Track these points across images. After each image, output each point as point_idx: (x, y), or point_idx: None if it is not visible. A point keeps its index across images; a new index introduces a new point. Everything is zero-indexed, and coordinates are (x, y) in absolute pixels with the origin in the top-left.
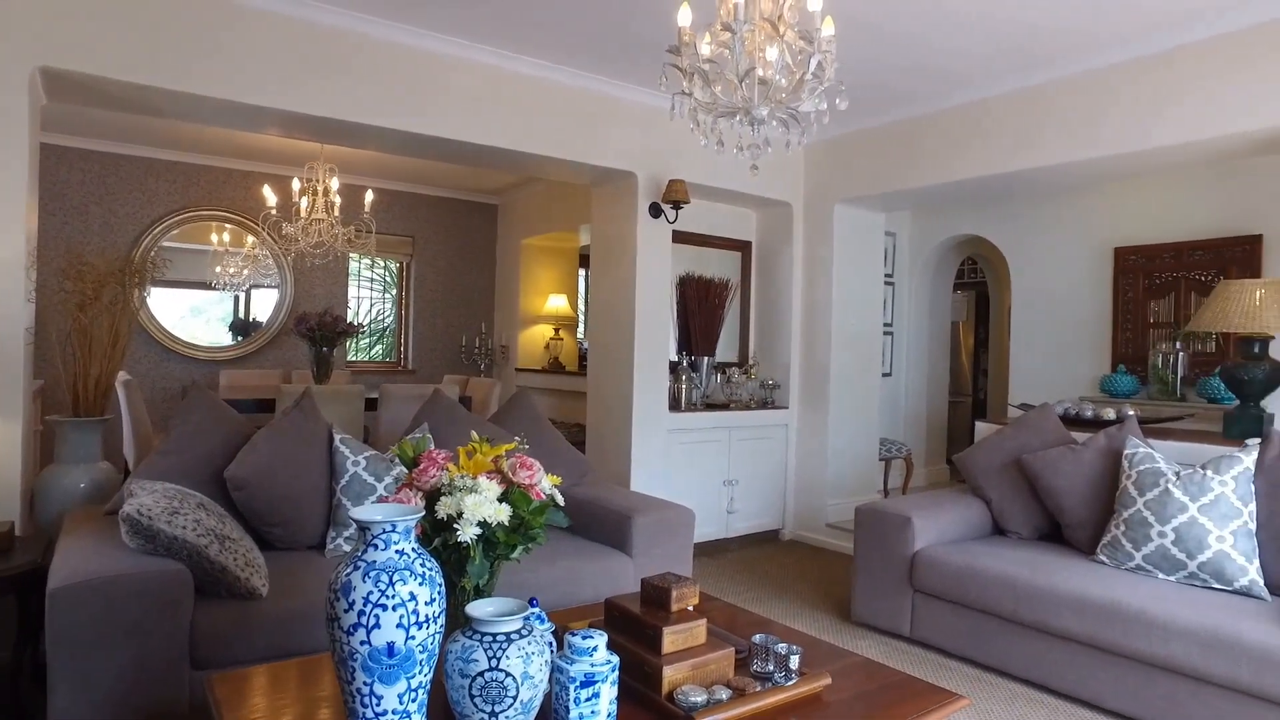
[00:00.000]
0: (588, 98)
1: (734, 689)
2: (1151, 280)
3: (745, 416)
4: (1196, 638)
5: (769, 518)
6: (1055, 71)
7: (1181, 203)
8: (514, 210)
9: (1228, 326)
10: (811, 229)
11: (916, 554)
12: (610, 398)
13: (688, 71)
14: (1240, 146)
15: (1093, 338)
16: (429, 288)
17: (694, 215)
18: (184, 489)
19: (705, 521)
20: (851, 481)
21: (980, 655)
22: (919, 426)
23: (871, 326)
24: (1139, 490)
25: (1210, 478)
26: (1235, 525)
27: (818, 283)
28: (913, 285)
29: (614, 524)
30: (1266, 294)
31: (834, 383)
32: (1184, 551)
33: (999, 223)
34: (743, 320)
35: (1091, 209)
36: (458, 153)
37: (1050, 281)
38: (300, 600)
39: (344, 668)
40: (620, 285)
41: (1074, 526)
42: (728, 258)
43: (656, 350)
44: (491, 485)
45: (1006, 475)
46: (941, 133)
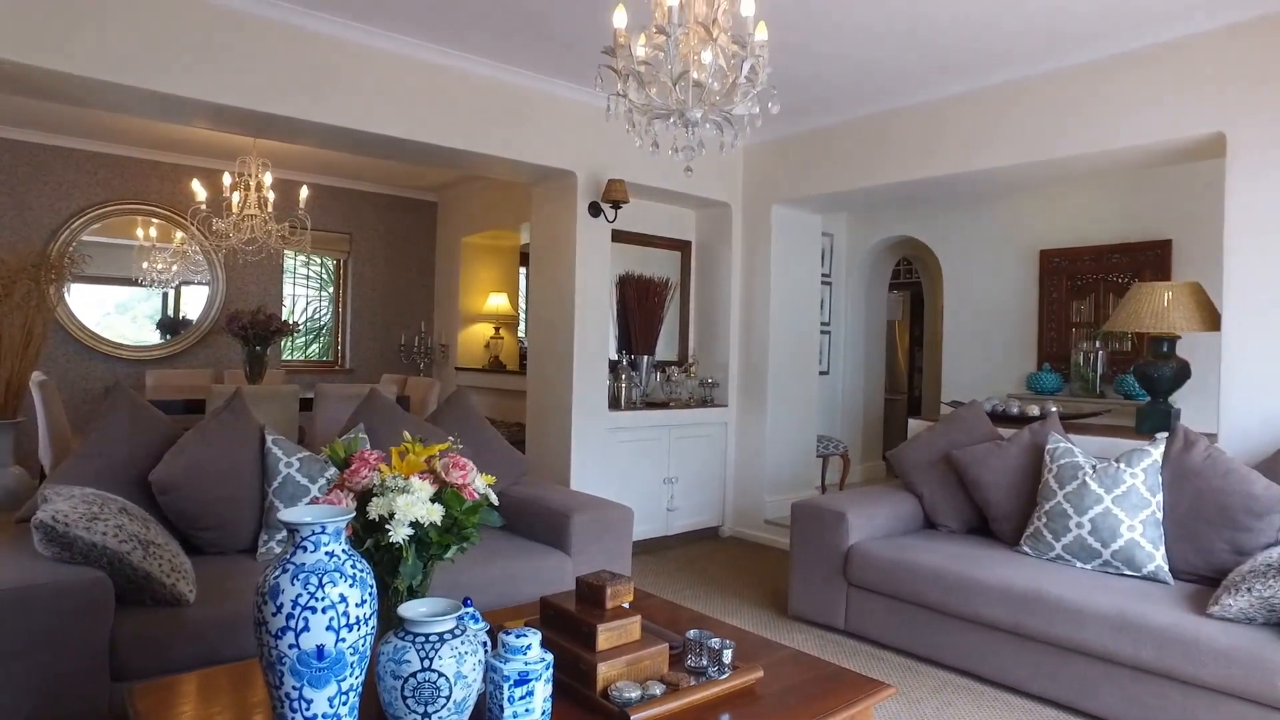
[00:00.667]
0: (527, 96)
1: (668, 684)
2: (1074, 282)
3: (685, 415)
4: (1108, 621)
5: (709, 515)
6: (983, 81)
7: (1101, 209)
8: (454, 208)
9: (1140, 327)
10: (750, 229)
11: (851, 549)
12: (550, 397)
13: (623, 73)
14: (1151, 157)
15: (1020, 337)
16: (367, 286)
17: (634, 215)
18: (105, 493)
19: (645, 519)
20: (789, 478)
21: (912, 645)
22: (856, 424)
23: (809, 326)
24: (1059, 483)
25: (1123, 470)
26: (1144, 515)
27: (756, 282)
28: (849, 285)
29: (552, 523)
30: (1174, 296)
31: (772, 381)
32: (1099, 541)
33: (932, 225)
34: (682, 319)
35: (1019, 213)
36: (395, 149)
37: (981, 282)
38: (231, 605)
39: (272, 672)
40: (560, 284)
41: (1000, 519)
42: (668, 257)
43: (596, 349)
44: (424, 485)
45: (937, 471)
46: (875, 137)
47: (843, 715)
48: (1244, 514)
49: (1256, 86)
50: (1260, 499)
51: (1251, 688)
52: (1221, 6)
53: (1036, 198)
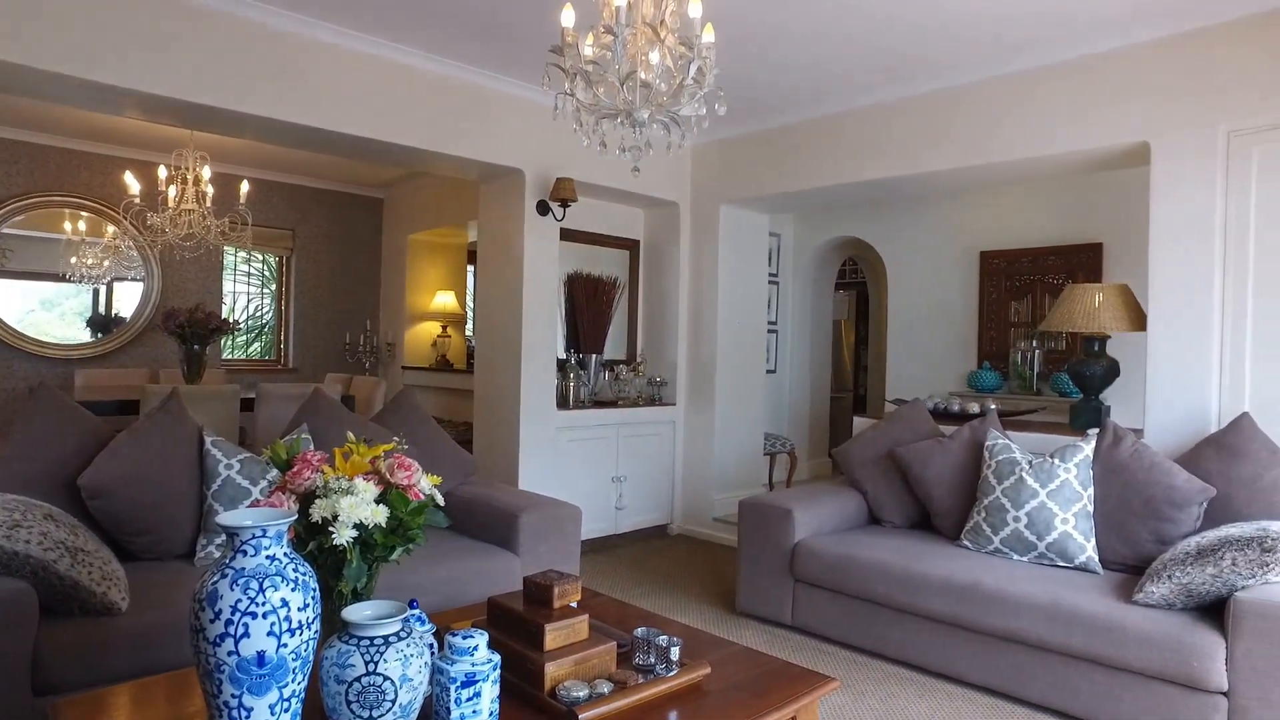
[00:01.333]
0: (475, 93)
1: (616, 682)
2: (1012, 282)
3: (633, 413)
4: (1042, 611)
5: (657, 513)
6: (925, 86)
7: (1037, 212)
8: (400, 204)
9: (1072, 327)
10: (698, 229)
11: (797, 545)
12: (498, 396)
13: (570, 72)
14: (1083, 163)
15: (961, 336)
16: (311, 283)
17: (582, 213)
18: (28, 499)
19: (594, 518)
20: (737, 476)
21: (857, 639)
22: (802, 421)
23: (756, 324)
24: (997, 479)
25: (1057, 465)
26: (1077, 508)
27: (704, 282)
28: (796, 285)
29: (500, 523)
30: (1104, 298)
31: (720, 380)
32: (1035, 534)
33: (877, 226)
34: (631, 318)
35: (960, 215)
36: (339, 144)
37: (924, 282)
38: (168, 613)
39: (210, 680)
40: (508, 283)
41: (942, 514)
42: (616, 256)
43: (544, 348)
44: (368, 486)
45: (881, 468)
46: (821, 139)
47: (788, 709)
48: (1166, 505)
49: (1178, 100)
50: (1180, 491)
51: (1170, 669)
52: (1148, 23)
53: (977, 201)
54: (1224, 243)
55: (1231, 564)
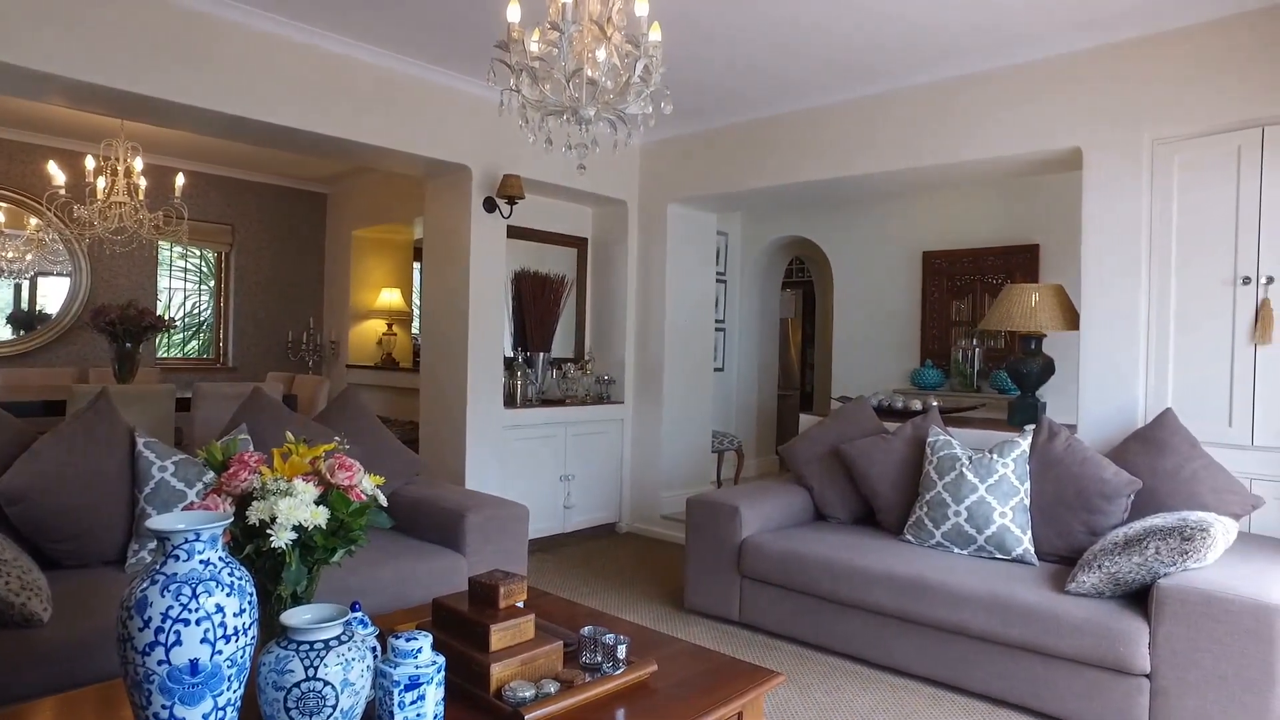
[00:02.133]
0: (421, 88)
1: (563, 682)
2: (954, 282)
3: (581, 412)
4: (981, 602)
5: (606, 511)
6: (863, 90)
7: (978, 214)
8: (344, 200)
9: (1011, 326)
10: (646, 227)
11: (744, 541)
12: (444, 395)
13: (516, 68)
14: (1018, 166)
15: (905, 334)
16: (251, 280)
17: (530, 211)
18: None
19: (542, 517)
20: (685, 474)
21: (803, 634)
22: (750, 419)
23: (704, 323)
24: (939, 474)
25: (995, 460)
26: (1014, 502)
27: (652, 280)
28: (744, 284)
29: (446, 522)
30: (1040, 298)
31: (668, 377)
32: (974, 527)
33: (823, 226)
34: (579, 316)
35: (904, 216)
36: (277, 137)
37: (868, 282)
38: (96, 621)
39: (139, 692)
40: (454, 280)
41: (886, 510)
42: (564, 254)
43: (491, 346)
44: (308, 488)
45: (826, 464)
46: (765, 140)
47: (734, 705)
48: (1097, 498)
49: (1108, 108)
50: (1110, 483)
51: (1099, 654)
52: (1082, 32)
53: (920, 202)
54: (1149, 246)
55: (1155, 553)
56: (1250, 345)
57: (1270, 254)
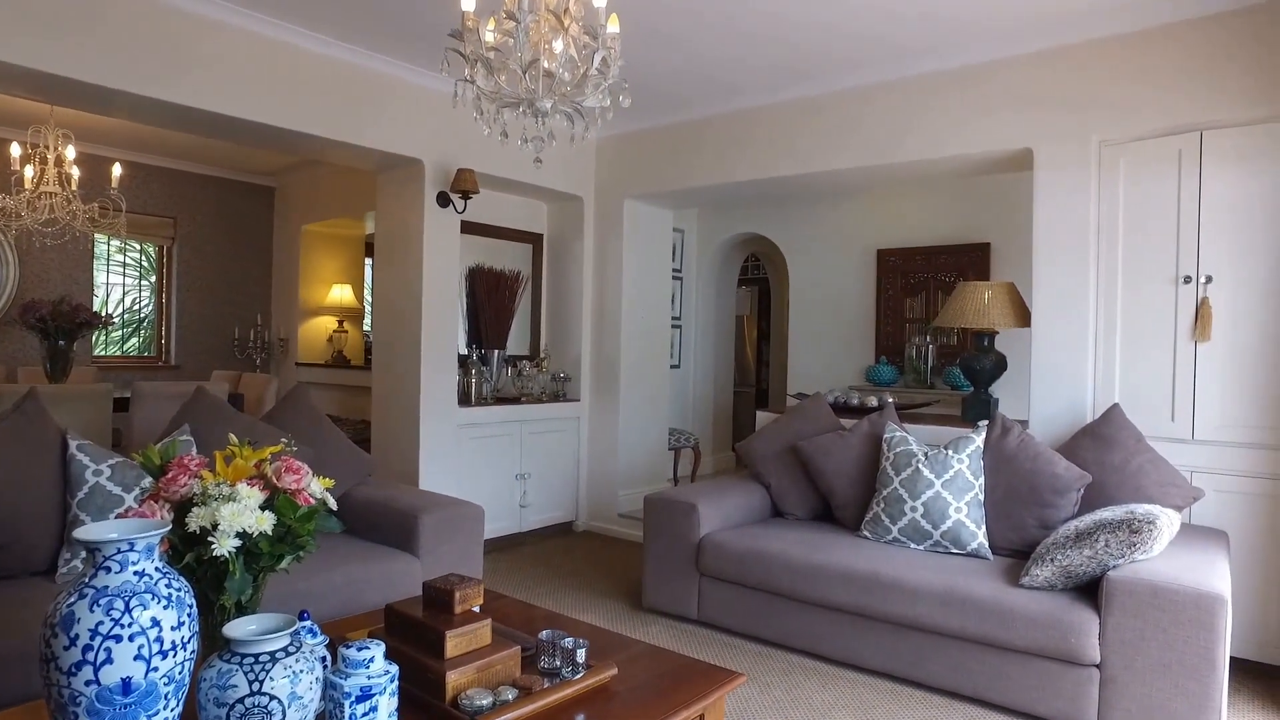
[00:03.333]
0: (373, 79)
1: (521, 688)
2: (907, 280)
3: (537, 410)
4: (937, 597)
5: (562, 510)
6: (828, 87)
7: (931, 212)
8: (293, 194)
9: (964, 323)
10: (602, 223)
11: (702, 540)
12: (397, 393)
13: (470, 59)
14: (974, 166)
15: (860, 331)
16: (195, 275)
17: (485, 206)
18: None
19: (498, 517)
20: (642, 471)
21: (763, 631)
22: (706, 416)
23: (660, 320)
24: (895, 470)
25: (950, 456)
26: (969, 497)
27: (608, 276)
28: (700, 281)
29: (399, 524)
30: (993, 295)
31: (624, 375)
32: (930, 523)
33: (778, 224)
34: (534, 313)
35: (858, 214)
36: (221, 128)
37: (823, 279)
38: (19, 637)
39: (63, 714)
40: (407, 276)
41: (843, 506)
42: (519, 250)
43: (445, 343)
44: (253, 492)
45: (784, 461)
46: (726, 137)
47: (696, 707)
48: (1049, 492)
49: (1057, 109)
50: (1062, 478)
51: (1051, 646)
52: (1033, 35)
53: (874, 200)
54: (1097, 245)
55: (1105, 545)
56: (1191, 342)
57: (1209, 254)
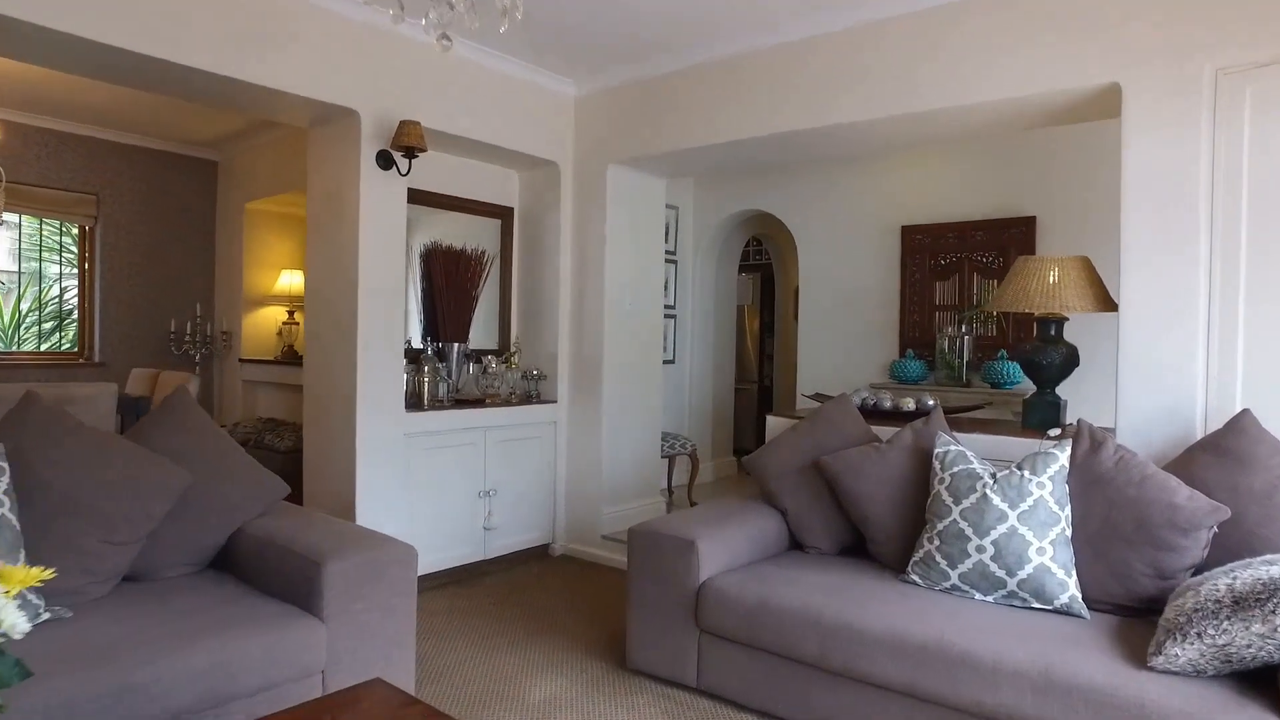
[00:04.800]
0: (295, 8)
1: None
2: (937, 261)
3: (505, 414)
4: (1029, 680)
5: (536, 532)
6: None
7: (963, 183)
8: (238, 167)
9: (1029, 306)
10: (583, 194)
11: (704, 586)
12: (330, 396)
13: None
14: (1045, 111)
15: (881, 321)
16: (124, 260)
17: (443, 172)
18: None
19: (456, 543)
20: (632, 484)
21: (781, 708)
22: (704, 417)
23: (652, 308)
24: (954, 497)
25: (1028, 479)
26: (1054, 534)
27: (589, 256)
28: (697, 265)
29: (298, 574)
30: (1063, 272)
31: (609, 372)
32: (1004, 568)
33: (786, 198)
34: (503, 300)
35: (878, 186)
36: (112, 63)
37: (838, 261)
38: None
39: None
40: (341, 253)
41: (882, 540)
42: (486, 226)
43: (389, 337)
44: None
45: (804, 480)
46: (721, 86)
47: None
48: (1167, 529)
49: (1155, 33)
50: (1185, 511)
51: None
52: None
53: (897, 169)
54: (1212, 204)
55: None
56: None
57: None
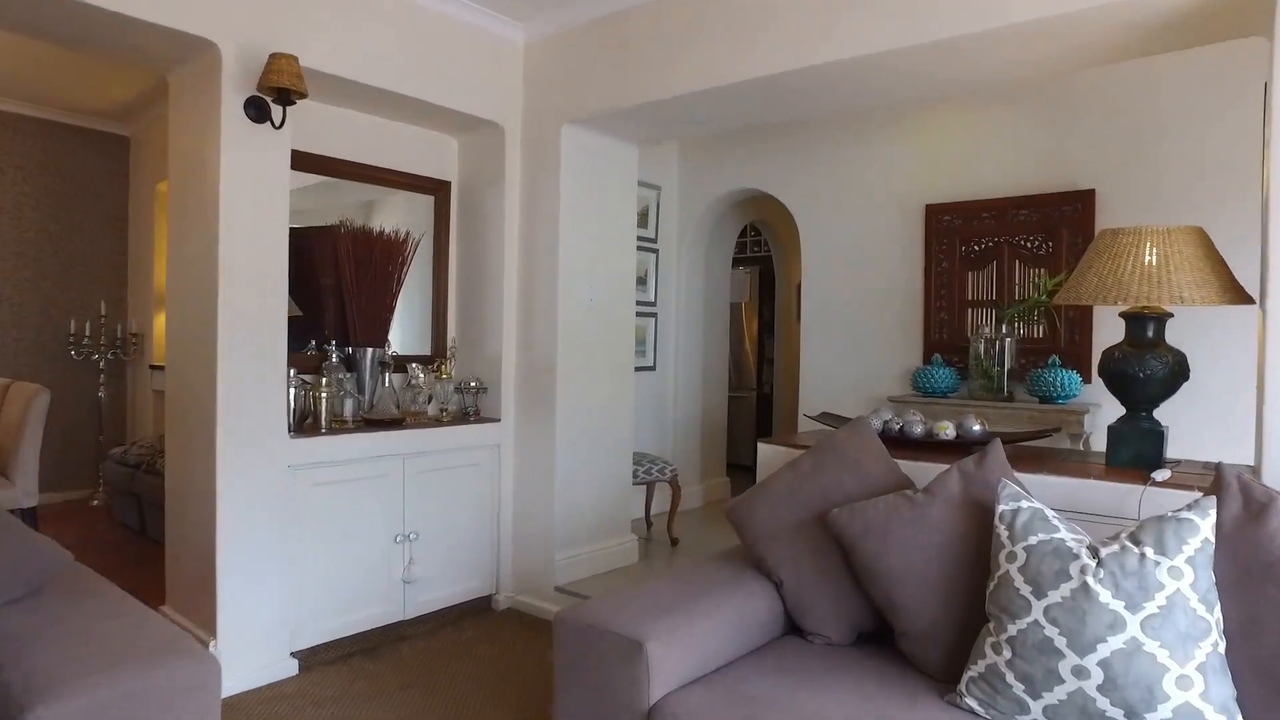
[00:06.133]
0: None
1: None
2: (970, 246)
3: (432, 436)
4: None
5: (475, 581)
6: None
7: (1002, 149)
8: (152, 141)
9: (1123, 297)
10: (533, 162)
11: (656, 709)
12: (190, 416)
13: None
14: (1131, 32)
15: (902, 320)
16: (10, 250)
17: (358, 136)
18: None
19: (363, 602)
20: (594, 521)
21: None
22: (692, 433)
23: (621, 303)
24: (1034, 584)
25: (1153, 562)
26: (1203, 653)
27: (540, 240)
28: (683, 254)
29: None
30: (1166, 250)
31: (564, 382)
32: (1123, 706)
33: (785, 173)
34: (438, 295)
35: (897, 156)
36: None
37: (848, 248)
38: None
39: None
40: (197, 232)
41: (917, 635)
42: (417, 205)
43: (263, 339)
44: None
45: (806, 540)
46: (691, 20)
47: None
48: None
49: None
50: None
51: None
52: None
53: (918, 134)
54: None
55: None
56: None
57: None
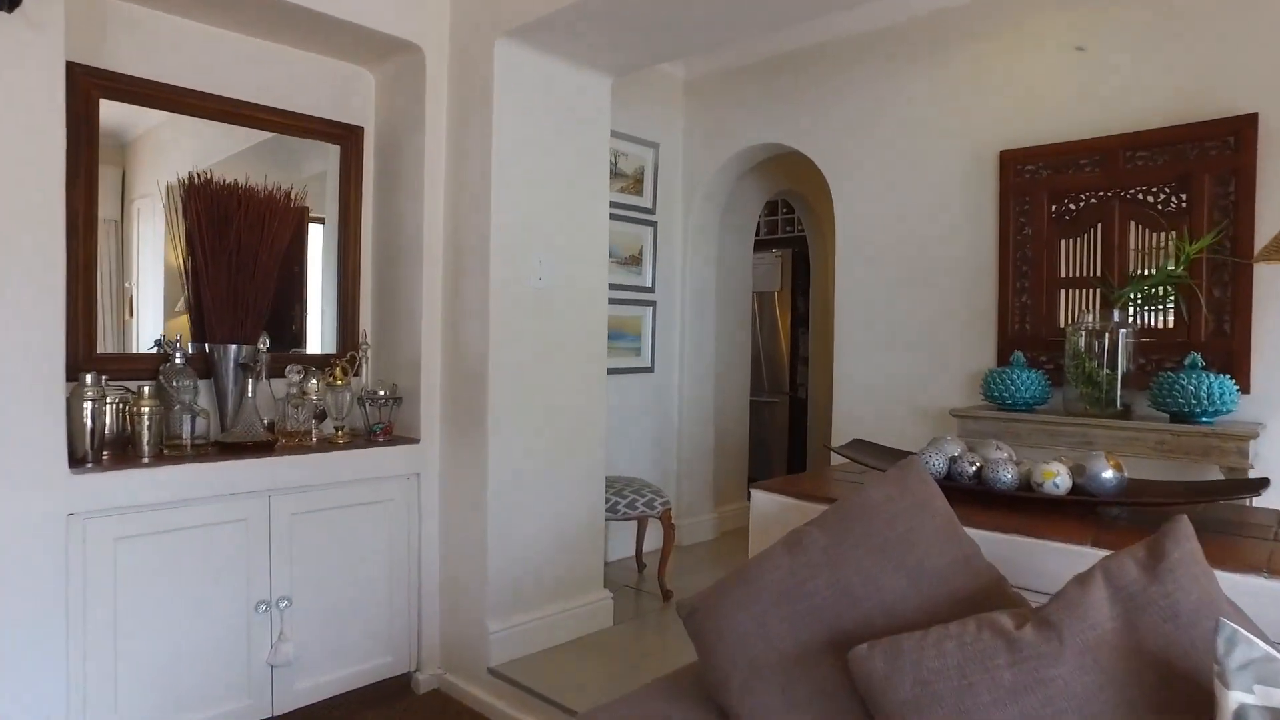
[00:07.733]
0: None
1: None
2: (1063, 206)
3: (318, 464)
4: None
5: (383, 658)
6: None
7: (1111, 71)
8: None
9: None
10: (462, 93)
11: None
12: None
13: None
14: None
15: (969, 305)
16: None
17: (231, 64)
18: None
19: (212, 698)
20: (550, 573)
21: None
22: (703, 449)
23: (589, 281)
24: None
25: None
26: None
27: (467, 197)
28: (689, 228)
29: None
30: None
31: (500, 388)
32: None
33: (816, 124)
34: (344, 276)
35: (958, 89)
36: None
37: (895, 215)
38: None
39: None
40: None
41: None
42: (318, 155)
43: (21, 329)
44: None
45: (809, 682)
46: None
47: None
48: None
49: None
50: None
51: None
52: None
53: (991, 60)
54: None
55: None
56: None
57: None
